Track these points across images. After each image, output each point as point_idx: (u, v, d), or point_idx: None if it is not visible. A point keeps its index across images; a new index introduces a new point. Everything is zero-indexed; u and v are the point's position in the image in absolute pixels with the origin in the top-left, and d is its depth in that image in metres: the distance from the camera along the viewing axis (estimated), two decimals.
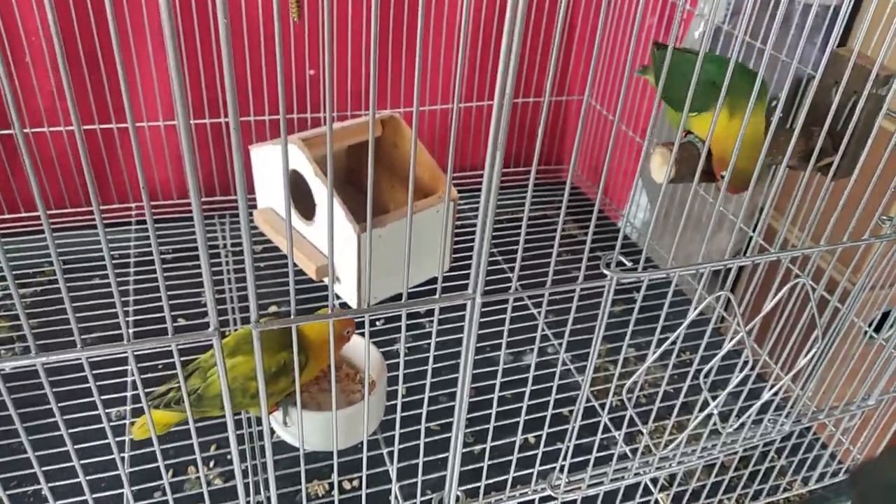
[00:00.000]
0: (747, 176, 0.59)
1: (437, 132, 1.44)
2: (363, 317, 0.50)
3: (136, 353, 0.43)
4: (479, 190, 1.48)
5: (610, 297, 0.52)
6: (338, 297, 1.16)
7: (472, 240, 1.34)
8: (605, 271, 0.51)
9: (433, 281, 1.17)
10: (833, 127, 0.79)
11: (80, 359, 0.42)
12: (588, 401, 1.02)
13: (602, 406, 0.95)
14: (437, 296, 0.49)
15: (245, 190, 0.41)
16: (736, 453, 0.76)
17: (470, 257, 1.25)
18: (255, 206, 1.32)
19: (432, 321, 1.11)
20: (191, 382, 0.74)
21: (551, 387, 0.65)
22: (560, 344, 1.11)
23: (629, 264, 0.51)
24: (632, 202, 1.41)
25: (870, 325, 0.97)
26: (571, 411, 0.99)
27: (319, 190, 1.05)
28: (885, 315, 1.13)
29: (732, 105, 0.76)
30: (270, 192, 1.19)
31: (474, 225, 1.39)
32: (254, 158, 1.20)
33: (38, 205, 0.39)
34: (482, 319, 0.52)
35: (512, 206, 1.43)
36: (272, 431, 0.94)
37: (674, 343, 0.59)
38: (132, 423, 0.90)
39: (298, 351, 0.79)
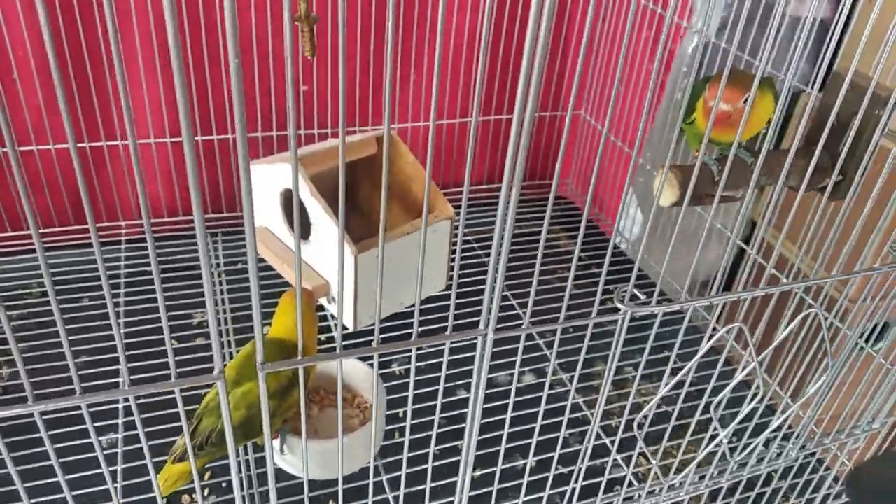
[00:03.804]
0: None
1: (432, 146, 1.43)
2: (372, 355, 0.48)
3: (136, 397, 0.42)
4: (475, 205, 1.47)
5: (623, 332, 0.51)
6: (333, 318, 1.14)
7: (469, 257, 1.33)
8: (619, 305, 0.50)
9: (429, 300, 1.15)
10: (835, 147, 0.79)
11: (79, 406, 0.40)
12: (588, 423, 1.01)
13: (605, 431, 0.94)
14: (447, 332, 0.48)
15: (253, 234, 0.39)
16: (741, 480, 0.75)
17: (466, 276, 1.23)
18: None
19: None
20: (206, 424, 0.72)
21: (549, 409, 0.64)
22: (559, 365, 1.10)
23: (643, 297, 0.50)
24: (623, 216, 1.41)
25: (862, 336, 0.97)
26: (572, 435, 0.98)
27: (315, 209, 1.03)
28: (885, 326, 1.13)
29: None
30: (265, 211, 1.17)
31: (469, 241, 1.37)
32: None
33: (31, 224, 0.38)
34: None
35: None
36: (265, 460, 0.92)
37: (686, 375, 0.58)
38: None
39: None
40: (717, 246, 1.32)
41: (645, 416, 0.59)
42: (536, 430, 0.65)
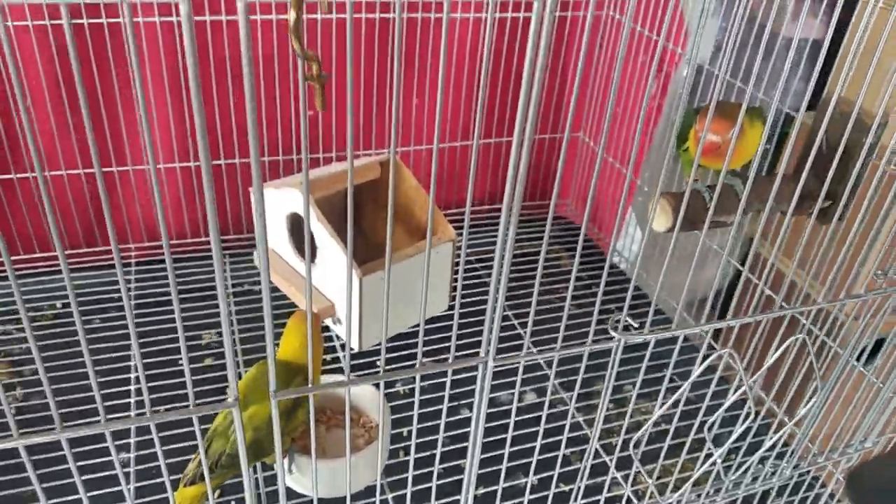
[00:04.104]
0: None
1: (435, 170, 1.46)
2: (379, 382, 0.51)
3: (157, 423, 0.44)
4: (477, 226, 1.50)
5: (617, 359, 0.53)
6: (338, 338, 1.16)
7: (471, 277, 1.36)
8: (613, 333, 0.52)
9: (433, 320, 1.18)
10: (824, 173, 0.82)
11: (102, 433, 0.42)
12: (589, 441, 1.03)
13: (605, 449, 0.96)
14: (450, 359, 0.50)
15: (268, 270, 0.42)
16: (737, 498, 0.77)
17: (469, 296, 1.26)
18: (254, 246, 1.33)
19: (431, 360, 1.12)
20: (215, 448, 0.74)
21: (550, 428, 0.66)
22: (560, 384, 1.12)
23: (636, 325, 0.52)
24: (623, 235, 1.43)
25: (853, 356, 0.98)
26: (573, 453, 1.00)
27: (321, 233, 1.06)
28: (879, 343, 1.15)
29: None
30: (272, 234, 1.20)
31: (471, 261, 1.40)
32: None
33: (57, 247, 0.40)
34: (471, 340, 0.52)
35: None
36: (275, 478, 0.94)
37: (680, 396, 0.60)
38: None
39: (304, 380, 0.81)
40: (716, 264, 1.34)
41: (641, 437, 0.62)
42: (537, 449, 0.67)
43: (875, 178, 0.67)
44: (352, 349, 1.11)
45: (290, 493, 0.88)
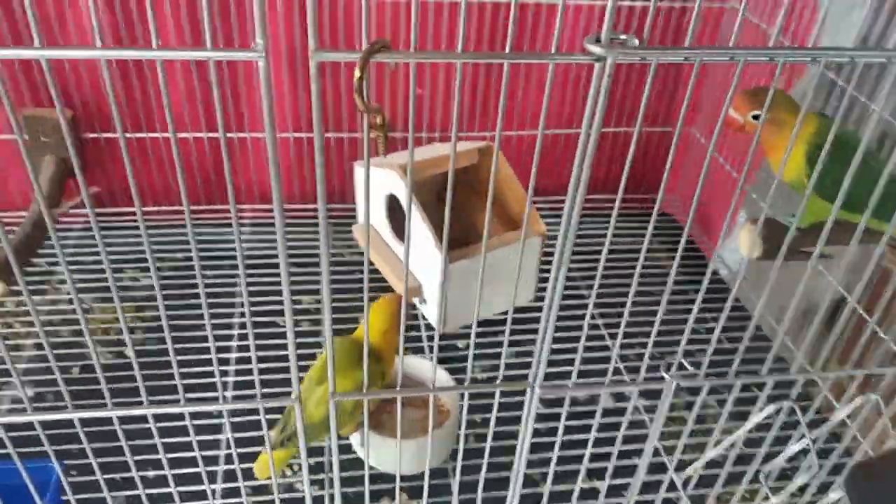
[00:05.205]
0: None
1: (536, 163, 1.45)
2: (463, 394, 0.54)
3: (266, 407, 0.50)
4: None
5: (668, 401, 0.53)
6: (423, 318, 1.21)
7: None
8: (665, 375, 0.52)
9: (515, 310, 1.19)
10: None
11: (221, 412, 0.48)
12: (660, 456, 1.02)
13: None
14: (497, 381, 0.52)
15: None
16: None
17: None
18: (352, 217, 1.39)
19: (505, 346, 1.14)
20: (294, 421, 0.80)
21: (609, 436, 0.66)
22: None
23: (691, 369, 0.52)
24: (729, 239, 1.37)
25: None
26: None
27: (415, 216, 1.09)
28: None
29: None
30: (371, 210, 1.25)
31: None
32: (356, 175, 1.26)
33: (184, 203, 0.45)
34: (553, 346, 0.52)
35: (602, 236, 1.43)
36: (348, 449, 1.00)
37: (737, 439, 0.59)
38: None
39: (375, 361, 0.85)
40: (823, 283, 1.26)
41: (689, 477, 0.61)
42: (586, 456, 0.68)
43: None
44: (433, 329, 1.15)
45: (361, 463, 0.94)
